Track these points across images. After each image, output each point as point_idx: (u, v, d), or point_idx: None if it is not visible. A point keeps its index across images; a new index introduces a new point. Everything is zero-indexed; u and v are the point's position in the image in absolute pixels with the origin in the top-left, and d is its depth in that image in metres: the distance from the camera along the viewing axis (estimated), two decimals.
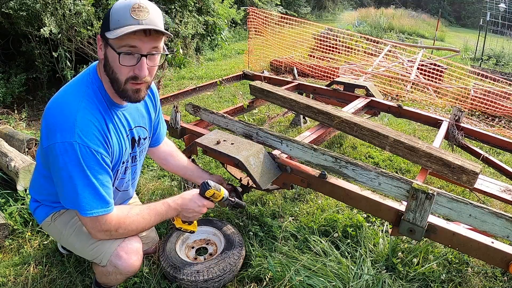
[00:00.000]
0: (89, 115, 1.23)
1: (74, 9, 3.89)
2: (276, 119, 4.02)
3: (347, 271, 1.78)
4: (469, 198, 2.55)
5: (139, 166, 1.61)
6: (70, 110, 1.20)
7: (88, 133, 1.20)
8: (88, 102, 1.25)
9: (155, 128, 1.69)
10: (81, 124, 1.19)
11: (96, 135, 1.22)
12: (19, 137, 2.78)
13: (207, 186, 1.43)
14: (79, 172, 1.19)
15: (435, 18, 16.22)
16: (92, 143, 1.20)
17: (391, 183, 1.53)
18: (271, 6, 11.61)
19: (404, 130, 3.91)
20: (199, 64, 6.88)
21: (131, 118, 1.43)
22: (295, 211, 2.40)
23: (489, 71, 6.67)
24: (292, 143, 1.80)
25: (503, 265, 1.35)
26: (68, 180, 1.20)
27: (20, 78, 4.17)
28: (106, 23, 1.17)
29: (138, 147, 1.51)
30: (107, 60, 1.21)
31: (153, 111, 1.60)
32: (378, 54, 6.50)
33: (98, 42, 1.23)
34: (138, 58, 1.18)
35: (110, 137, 1.29)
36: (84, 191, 1.21)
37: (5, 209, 2.22)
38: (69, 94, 1.27)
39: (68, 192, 1.22)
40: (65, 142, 1.16)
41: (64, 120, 1.19)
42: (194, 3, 6.64)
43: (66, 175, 1.20)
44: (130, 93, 1.25)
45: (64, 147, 1.17)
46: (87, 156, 1.19)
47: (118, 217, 1.30)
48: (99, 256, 1.39)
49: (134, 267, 1.41)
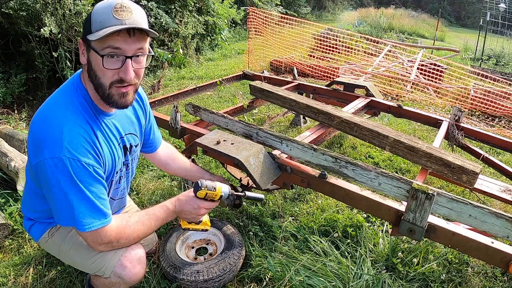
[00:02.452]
0: (76, 127, 1.17)
1: (74, 9, 3.90)
2: (276, 119, 4.02)
3: (347, 271, 1.78)
4: (469, 198, 2.55)
5: (131, 174, 1.57)
6: (56, 123, 1.15)
7: (77, 146, 1.15)
8: (74, 113, 1.19)
9: (148, 134, 1.64)
10: (69, 137, 1.14)
11: (85, 147, 1.17)
12: (19, 137, 2.78)
13: (197, 187, 1.38)
14: (72, 187, 1.15)
15: (435, 18, 16.23)
16: (82, 156, 1.15)
17: (391, 183, 1.53)
18: (271, 6, 11.61)
19: (404, 130, 3.91)
20: (199, 64, 6.88)
21: (121, 125, 1.38)
22: (295, 211, 2.40)
23: (489, 71, 6.67)
24: (292, 143, 1.80)
25: (503, 265, 1.35)
26: (61, 197, 1.15)
27: (20, 78, 4.17)
28: (88, 26, 1.12)
29: (130, 155, 1.47)
30: (90, 65, 1.16)
31: (143, 116, 1.54)
32: (378, 54, 6.50)
33: (80, 47, 1.18)
34: (122, 60, 1.12)
35: (100, 147, 1.24)
36: (79, 206, 1.16)
37: (5, 209, 2.22)
38: (54, 105, 1.22)
39: (63, 209, 1.17)
40: (54, 158, 1.12)
41: (50, 135, 1.14)
42: (194, 3, 6.65)
43: (59, 192, 1.15)
44: (116, 98, 1.19)
45: (53, 163, 1.12)
46: (79, 169, 1.15)
47: (118, 227, 1.26)
48: (102, 268, 1.35)
49: (139, 276, 1.38)
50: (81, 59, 1.19)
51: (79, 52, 1.20)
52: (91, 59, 1.15)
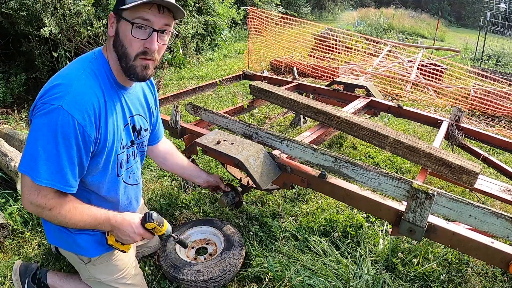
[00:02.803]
0: (88, 89, 1.16)
1: (74, 9, 3.89)
2: (276, 119, 4.02)
3: (347, 271, 1.78)
4: (469, 198, 2.55)
5: (141, 161, 1.55)
6: (67, 78, 1.14)
7: (80, 105, 1.12)
8: (89, 75, 1.18)
9: (155, 123, 1.65)
10: (75, 93, 1.11)
11: (87, 111, 1.14)
12: (19, 137, 2.78)
13: (149, 219, 1.31)
14: (51, 140, 1.09)
15: (435, 18, 16.23)
16: (79, 116, 1.12)
17: (391, 183, 1.53)
18: (271, 6, 11.61)
19: (404, 130, 3.91)
20: (199, 64, 6.88)
21: (132, 104, 1.38)
22: (295, 211, 2.40)
23: (489, 71, 6.67)
24: (292, 143, 1.80)
25: (503, 265, 1.35)
26: (34, 143, 1.10)
27: (20, 78, 4.16)
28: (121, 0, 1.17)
29: (138, 137, 1.45)
30: (118, 36, 1.19)
31: (153, 102, 1.56)
32: (378, 54, 6.50)
33: (110, 20, 1.21)
34: (149, 32, 1.17)
35: (104, 119, 1.21)
36: (47, 161, 1.10)
37: (5, 209, 2.22)
38: (69, 66, 1.21)
39: (30, 155, 1.11)
40: (50, 104, 1.09)
41: (57, 85, 1.12)
42: (194, 3, 6.64)
43: (36, 138, 1.10)
44: (138, 69, 1.21)
45: (47, 109, 1.08)
46: (68, 127, 1.10)
47: (60, 198, 1.18)
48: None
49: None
50: (109, 31, 1.22)
51: (107, 26, 1.23)
52: (120, 30, 1.19)
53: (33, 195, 1.14)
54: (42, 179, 1.11)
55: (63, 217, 1.19)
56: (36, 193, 1.13)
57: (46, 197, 1.15)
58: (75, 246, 1.40)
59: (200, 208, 2.38)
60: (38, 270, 1.69)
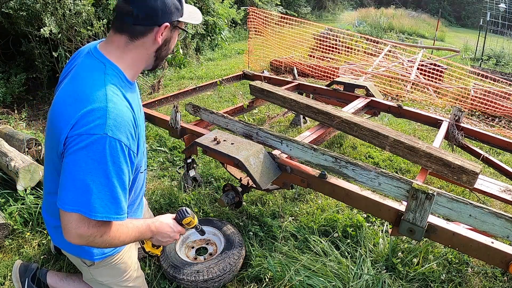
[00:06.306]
0: (121, 106, 1.09)
1: (74, 9, 3.89)
2: (276, 119, 4.02)
3: (347, 271, 1.78)
4: (469, 198, 2.55)
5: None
6: (97, 99, 1.05)
7: (122, 126, 1.06)
8: (114, 90, 1.11)
9: None
10: (114, 115, 1.05)
11: (129, 129, 1.09)
12: (19, 137, 2.78)
13: (185, 214, 1.36)
14: (100, 170, 1.04)
15: (435, 18, 16.22)
16: (123, 136, 1.07)
17: (391, 183, 1.53)
18: (271, 6, 11.60)
19: (404, 130, 3.91)
20: (199, 64, 6.88)
21: (137, 101, 1.30)
22: (295, 211, 2.40)
23: (489, 71, 6.67)
24: (292, 143, 1.80)
25: (503, 265, 1.35)
26: (80, 176, 1.03)
27: (20, 78, 4.16)
28: (178, 10, 1.22)
29: None
30: (168, 42, 1.24)
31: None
32: (378, 54, 6.50)
33: (160, 30, 1.17)
34: None
35: (138, 127, 1.17)
36: (101, 193, 1.05)
37: (5, 209, 2.22)
38: (88, 85, 1.10)
39: (76, 190, 1.04)
40: (91, 134, 1.02)
41: (89, 110, 1.03)
42: (194, 3, 6.64)
43: (78, 171, 1.03)
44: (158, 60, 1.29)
45: (88, 139, 1.02)
46: (116, 153, 1.05)
47: (107, 221, 1.13)
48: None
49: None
50: (157, 40, 1.18)
51: (156, 36, 1.17)
52: (172, 37, 1.25)
53: (83, 229, 1.08)
54: (98, 213, 1.06)
55: (113, 238, 1.15)
56: (86, 226, 1.08)
57: (95, 226, 1.10)
58: (79, 250, 1.38)
59: (200, 208, 2.38)
60: (38, 270, 1.69)
